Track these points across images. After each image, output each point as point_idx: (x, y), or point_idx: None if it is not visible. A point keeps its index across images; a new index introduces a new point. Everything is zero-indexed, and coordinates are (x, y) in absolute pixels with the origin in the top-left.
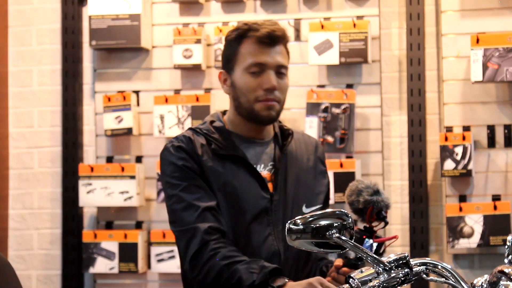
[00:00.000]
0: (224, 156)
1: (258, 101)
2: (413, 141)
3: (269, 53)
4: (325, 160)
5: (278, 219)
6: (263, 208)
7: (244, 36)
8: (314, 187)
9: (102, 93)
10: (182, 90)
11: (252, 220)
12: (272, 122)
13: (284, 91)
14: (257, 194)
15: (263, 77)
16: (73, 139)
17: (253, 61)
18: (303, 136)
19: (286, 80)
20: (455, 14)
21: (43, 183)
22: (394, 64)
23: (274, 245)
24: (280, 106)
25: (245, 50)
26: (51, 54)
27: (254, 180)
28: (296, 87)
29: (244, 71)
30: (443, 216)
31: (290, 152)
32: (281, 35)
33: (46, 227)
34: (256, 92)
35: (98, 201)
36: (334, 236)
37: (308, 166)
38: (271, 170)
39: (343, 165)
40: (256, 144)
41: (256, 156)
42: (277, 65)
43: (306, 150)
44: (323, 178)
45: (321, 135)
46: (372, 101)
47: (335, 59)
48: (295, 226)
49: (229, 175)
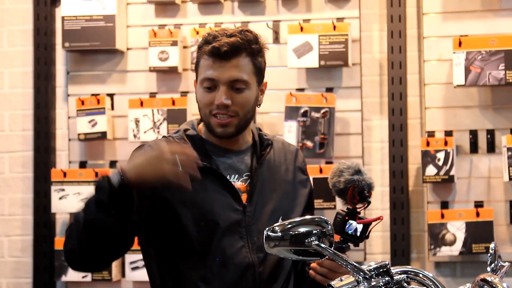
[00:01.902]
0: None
1: (213, 116)
2: (394, 146)
3: (222, 67)
4: (306, 168)
5: (253, 231)
6: (235, 221)
7: (201, 49)
8: (292, 198)
9: (75, 96)
10: (157, 93)
11: (224, 233)
12: (231, 137)
13: (243, 105)
14: (229, 206)
15: (215, 93)
16: (45, 143)
17: (204, 76)
18: (283, 145)
19: (246, 93)
20: (437, 16)
21: (14, 189)
22: (375, 67)
23: (248, 257)
24: (238, 120)
25: (202, 63)
26: (22, 56)
27: (225, 192)
28: (274, 91)
29: (200, 85)
30: (425, 223)
31: (268, 162)
32: (231, 49)
33: (17, 233)
34: (209, 106)
35: (71, 207)
36: (313, 244)
37: (287, 176)
38: (246, 181)
39: (323, 171)
40: (232, 153)
41: (230, 166)
42: (230, 80)
43: (285, 160)
44: (303, 188)
45: (300, 139)
46: (352, 105)
47: (314, 62)
48: (273, 233)
49: (199, 187)
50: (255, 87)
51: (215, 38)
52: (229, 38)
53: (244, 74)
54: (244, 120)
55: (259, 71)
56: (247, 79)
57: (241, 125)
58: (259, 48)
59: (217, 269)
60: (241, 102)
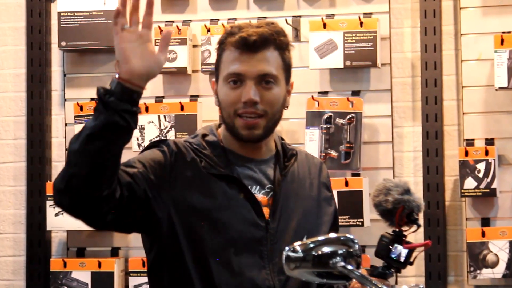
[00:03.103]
0: (215, 176)
1: (238, 116)
2: (428, 156)
3: (248, 61)
4: (330, 184)
5: (275, 251)
6: (257, 238)
7: (224, 43)
8: (317, 216)
9: (73, 101)
10: (164, 97)
11: (243, 251)
12: (258, 141)
13: (273, 103)
14: (251, 221)
15: (242, 89)
16: (40, 153)
17: (230, 71)
18: (306, 157)
19: (275, 90)
20: (476, 11)
21: (5, 204)
22: (407, 68)
23: (269, 279)
24: (267, 121)
25: (225, 58)
26: (14, 56)
27: (248, 205)
28: (294, 94)
29: (224, 82)
30: (463, 242)
31: (291, 174)
32: (260, 39)
33: (8, 254)
34: (235, 105)
35: (68, 224)
36: (338, 265)
37: (311, 192)
38: (268, 194)
39: (349, 184)
40: (253, 162)
41: (251, 177)
42: (258, 74)
43: (309, 174)
44: (327, 206)
45: (323, 149)
46: (381, 110)
47: (339, 63)
48: (294, 253)
49: (219, 198)
50: (283, 85)
51: (240, 29)
52: (257, 29)
53: (273, 68)
54: (272, 122)
55: (287, 68)
56: (276, 74)
57: (269, 127)
58: (287, 41)
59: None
60: (270, 100)
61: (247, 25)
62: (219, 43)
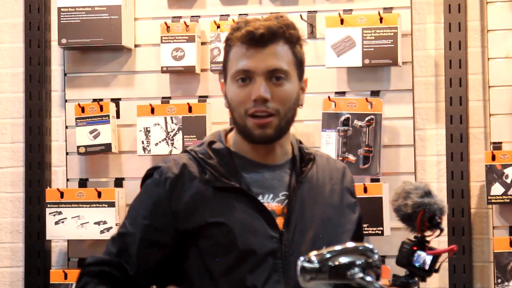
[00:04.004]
0: (221, 189)
1: (249, 116)
2: (453, 161)
3: (257, 56)
4: (354, 189)
5: (290, 264)
6: (270, 250)
7: (230, 39)
8: (338, 225)
9: (74, 102)
10: (171, 98)
11: (256, 266)
12: (270, 142)
13: (284, 101)
14: (262, 233)
15: (251, 87)
16: (39, 157)
17: (237, 68)
18: (328, 161)
19: (286, 86)
20: (504, 5)
21: (2, 212)
22: (430, 66)
23: None
24: (279, 120)
25: (233, 56)
26: (11, 54)
27: (258, 216)
28: (310, 95)
29: (232, 81)
30: (490, 252)
31: (309, 180)
32: (268, 32)
33: (5, 265)
34: (245, 105)
35: (68, 233)
36: (356, 277)
37: (332, 199)
38: (283, 202)
39: (368, 190)
40: (266, 168)
41: (264, 184)
42: (268, 70)
43: (330, 179)
44: (351, 213)
45: (341, 153)
46: (402, 112)
47: (357, 61)
48: (309, 264)
49: (225, 213)
50: (296, 81)
51: (247, 23)
52: (265, 22)
53: (283, 63)
54: (285, 121)
55: (299, 63)
56: (287, 69)
57: (282, 126)
58: (298, 35)
59: None
60: (282, 97)
61: (254, 20)
62: (226, 40)
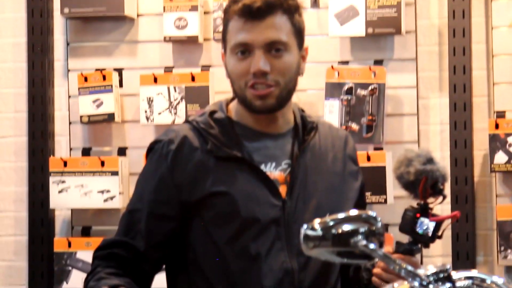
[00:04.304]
0: (223, 159)
1: (249, 88)
2: (456, 129)
3: (255, 29)
4: (357, 157)
5: (293, 232)
6: (272, 219)
7: (228, 12)
8: (341, 192)
9: (77, 72)
10: (174, 67)
11: (259, 235)
12: (272, 112)
13: (284, 72)
14: (265, 201)
15: (251, 60)
16: (42, 127)
17: (236, 42)
18: (330, 129)
19: (286, 57)
20: None
21: (5, 181)
22: (433, 35)
23: (287, 262)
24: (280, 91)
25: (231, 28)
26: (13, 24)
27: (261, 185)
28: (313, 64)
29: (231, 54)
30: (493, 220)
31: (312, 148)
32: (265, 4)
33: (9, 233)
34: (245, 77)
35: (72, 202)
36: (359, 244)
37: (335, 166)
38: (286, 170)
39: (371, 159)
40: (268, 137)
41: (266, 153)
42: (266, 42)
43: (333, 147)
44: (353, 181)
45: (344, 122)
46: (406, 81)
47: (360, 30)
48: (312, 231)
49: (228, 182)
50: (296, 51)
51: None
52: None
53: (282, 34)
54: (286, 91)
55: (298, 32)
56: (287, 41)
57: (283, 96)
58: (297, 4)
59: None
60: (282, 68)
61: None
62: (224, 12)
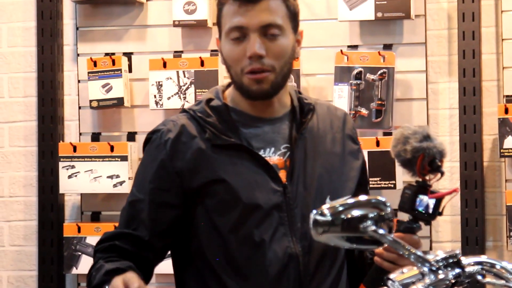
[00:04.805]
0: (221, 147)
1: (246, 73)
2: (465, 114)
3: (250, 12)
4: (356, 135)
5: (295, 216)
6: (274, 204)
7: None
8: (342, 173)
9: (86, 56)
10: (183, 52)
11: (261, 221)
12: (268, 97)
13: (279, 55)
14: (266, 187)
15: (246, 44)
16: (52, 112)
17: (231, 26)
18: (328, 110)
19: (281, 41)
20: None
21: (15, 166)
22: (443, 19)
23: (291, 247)
24: (275, 75)
25: (225, 13)
26: (23, 8)
27: (260, 171)
28: (322, 48)
29: (226, 38)
30: (503, 205)
31: (310, 131)
32: None
33: (19, 218)
34: (241, 62)
35: (82, 187)
36: (369, 230)
37: (334, 147)
38: (285, 154)
39: (380, 143)
40: (265, 122)
41: (264, 138)
42: (261, 26)
43: (332, 127)
44: (354, 160)
45: (353, 106)
46: (415, 65)
47: (370, 14)
48: (322, 217)
49: (228, 170)
50: (291, 35)
51: None
52: None
53: (277, 17)
54: (281, 76)
55: (293, 16)
56: (281, 24)
57: (278, 81)
58: None
59: (253, 263)
60: (277, 52)
61: None
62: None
